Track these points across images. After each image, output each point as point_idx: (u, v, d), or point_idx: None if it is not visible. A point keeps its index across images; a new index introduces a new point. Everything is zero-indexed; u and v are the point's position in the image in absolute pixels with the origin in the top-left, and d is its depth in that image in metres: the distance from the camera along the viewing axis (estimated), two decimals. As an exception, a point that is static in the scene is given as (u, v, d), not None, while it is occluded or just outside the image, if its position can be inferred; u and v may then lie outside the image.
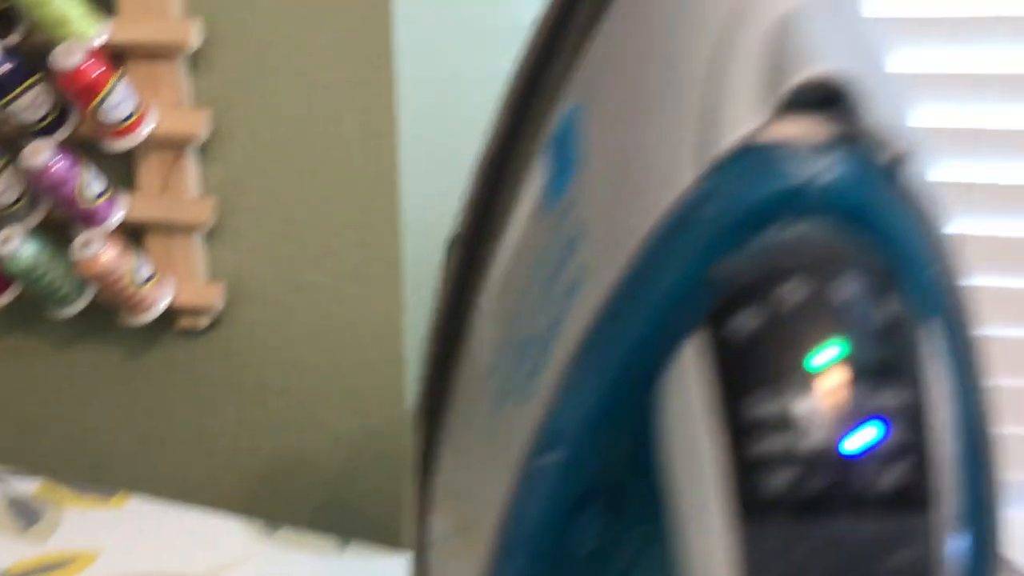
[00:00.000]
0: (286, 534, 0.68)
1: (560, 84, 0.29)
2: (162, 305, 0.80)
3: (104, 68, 0.72)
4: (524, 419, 0.27)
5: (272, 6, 0.76)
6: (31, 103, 0.75)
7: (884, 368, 0.22)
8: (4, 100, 0.74)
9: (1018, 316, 0.84)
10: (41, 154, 0.74)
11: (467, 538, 0.29)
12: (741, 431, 0.22)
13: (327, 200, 0.79)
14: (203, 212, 0.79)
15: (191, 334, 0.85)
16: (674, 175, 0.24)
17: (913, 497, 0.22)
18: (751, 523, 0.22)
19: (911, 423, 0.22)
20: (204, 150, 0.79)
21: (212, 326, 0.84)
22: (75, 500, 0.72)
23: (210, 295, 0.81)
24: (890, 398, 0.22)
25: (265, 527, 0.69)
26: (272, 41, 0.76)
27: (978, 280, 0.25)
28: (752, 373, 0.22)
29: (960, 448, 0.24)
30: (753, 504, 0.22)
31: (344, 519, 0.85)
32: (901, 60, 0.81)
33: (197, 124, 0.77)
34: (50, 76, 0.74)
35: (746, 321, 0.23)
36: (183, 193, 0.79)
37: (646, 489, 0.26)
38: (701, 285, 0.24)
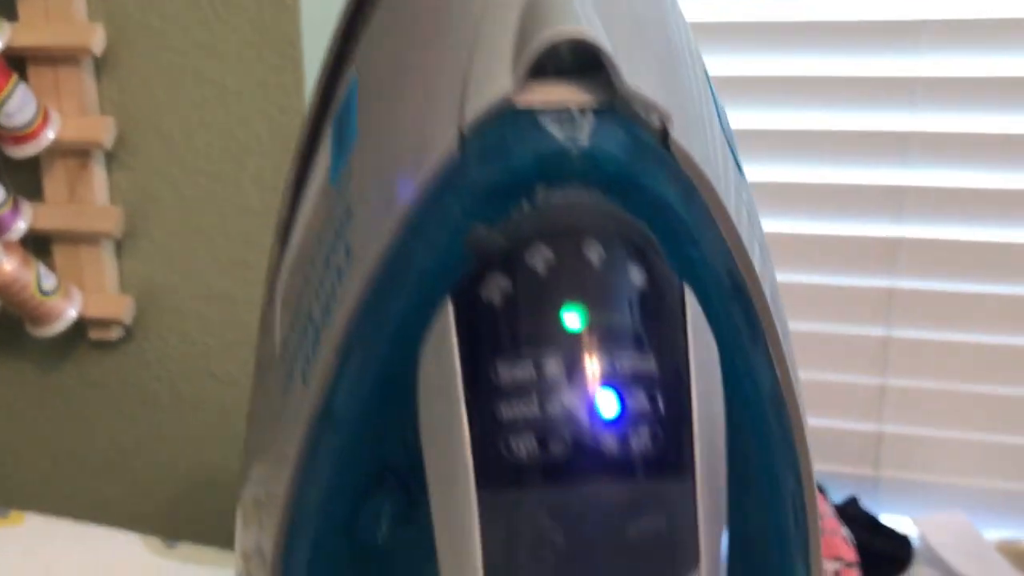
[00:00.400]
0: (185, 549, 0.67)
1: (349, 57, 0.28)
2: (69, 316, 0.78)
3: (1, 73, 0.71)
4: (305, 401, 0.25)
5: (178, 10, 0.75)
6: (-72, 111, 0.73)
7: (632, 335, 0.21)
8: (-99, 108, 0.73)
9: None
10: (-62, 163, 0.72)
11: (266, 525, 0.28)
12: (488, 397, 0.21)
13: (237, 207, 0.77)
14: (111, 221, 0.78)
15: (104, 346, 0.83)
16: (432, 143, 0.23)
17: (658, 465, 0.21)
18: (498, 490, 0.21)
19: (657, 390, 0.21)
20: (111, 157, 0.78)
21: (125, 338, 0.82)
22: (-29, 516, 0.71)
23: (120, 306, 0.79)
24: (637, 365, 0.21)
25: (164, 542, 0.67)
26: (178, 46, 0.75)
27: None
28: (499, 338, 0.21)
29: (722, 414, 0.23)
30: (499, 470, 0.21)
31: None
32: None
33: (103, 130, 0.75)
34: (-55, 82, 0.72)
35: (495, 287, 0.22)
36: (90, 202, 0.77)
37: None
38: (455, 253, 0.23)
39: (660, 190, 0.23)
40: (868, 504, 0.85)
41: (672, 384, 0.21)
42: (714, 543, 0.22)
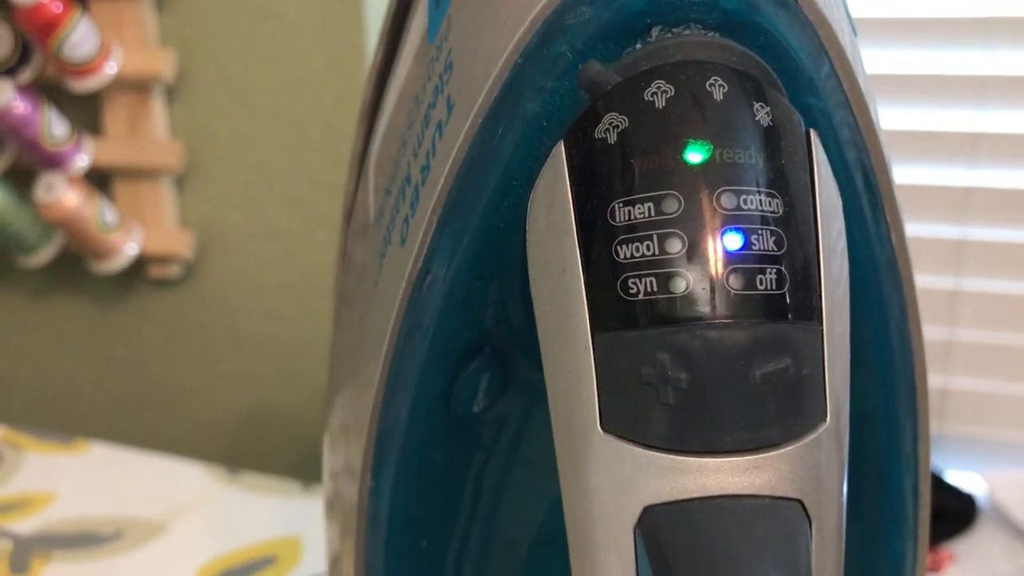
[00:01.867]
0: (249, 477, 0.67)
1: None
2: (130, 252, 0.79)
3: (64, 5, 0.71)
4: (404, 260, 0.25)
5: (238, -57, 0.74)
6: (-8, 44, 0.73)
7: (757, 173, 0.20)
8: (-35, 41, 0.73)
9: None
10: (2, 95, 0.72)
11: (358, 398, 0.27)
12: (605, 238, 0.20)
13: (297, 143, 0.77)
14: (171, 156, 0.77)
15: (163, 284, 0.83)
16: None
17: (785, 307, 0.19)
18: (616, 332, 0.20)
19: (783, 230, 0.20)
20: (171, 92, 0.78)
21: (184, 276, 0.82)
22: (35, 446, 0.71)
23: (180, 242, 0.79)
24: (763, 203, 0.20)
25: (227, 471, 0.67)
26: (238, -22, 0.74)
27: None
28: (616, 177, 0.20)
29: (846, 264, 0.21)
30: (618, 312, 0.20)
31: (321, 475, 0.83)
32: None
33: (163, 64, 0.75)
34: (10, 15, 0.72)
35: (610, 125, 0.20)
36: (150, 137, 0.77)
37: (536, 347, 0.24)
38: (565, 98, 0.22)
39: (781, 33, 0.22)
40: (933, 460, 0.83)
41: (799, 225, 0.20)
42: (840, 397, 0.20)
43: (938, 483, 0.80)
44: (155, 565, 0.58)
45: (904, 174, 0.79)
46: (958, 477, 0.82)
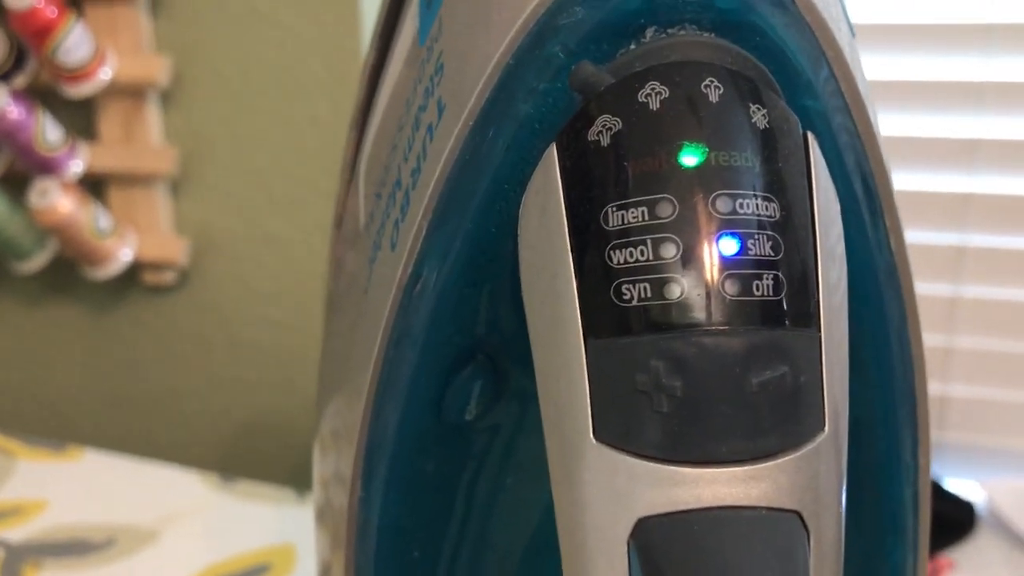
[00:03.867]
0: (243, 485, 0.66)
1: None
2: (124, 258, 0.78)
3: (59, 10, 0.70)
4: (394, 265, 0.24)
5: (234, -53, 0.74)
6: (-14, 48, 0.73)
7: (754, 176, 0.19)
8: (-41, 45, 0.72)
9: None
10: (-4, 99, 0.72)
11: (349, 406, 0.27)
12: (597, 242, 0.19)
13: (293, 147, 0.76)
14: (166, 162, 0.77)
15: (158, 290, 0.83)
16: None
17: (782, 312, 0.19)
18: (609, 338, 0.19)
19: (780, 234, 0.19)
20: (166, 97, 0.77)
21: (178, 282, 0.82)
22: (27, 453, 0.70)
23: (175, 248, 0.79)
24: (759, 207, 0.19)
25: (221, 478, 0.67)
26: (234, -17, 0.74)
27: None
28: (609, 180, 0.20)
29: (844, 269, 0.21)
30: (611, 318, 0.19)
31: (319, 481, 0.82)
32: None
33: (158, 69, 0.75)
34: (4, 19, 0.72)
35: (603, 127, 0.20)
36: (145, 142, 0.77)
37: (529, 354, 0.24)
38: (557, 99, 0.21)
39: (778, 34, 0.21)
40: (932, 468, 0.83)
41: (796, 230, 0.20)
42: (839, 405, 0.20)
43: (937, 491, 0.80)
44: (148, 573, 0.57)
45: (902, 180, 0.79)
46: (957, 484, 0.82)
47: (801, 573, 0.19)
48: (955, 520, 0.79)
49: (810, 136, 0.21)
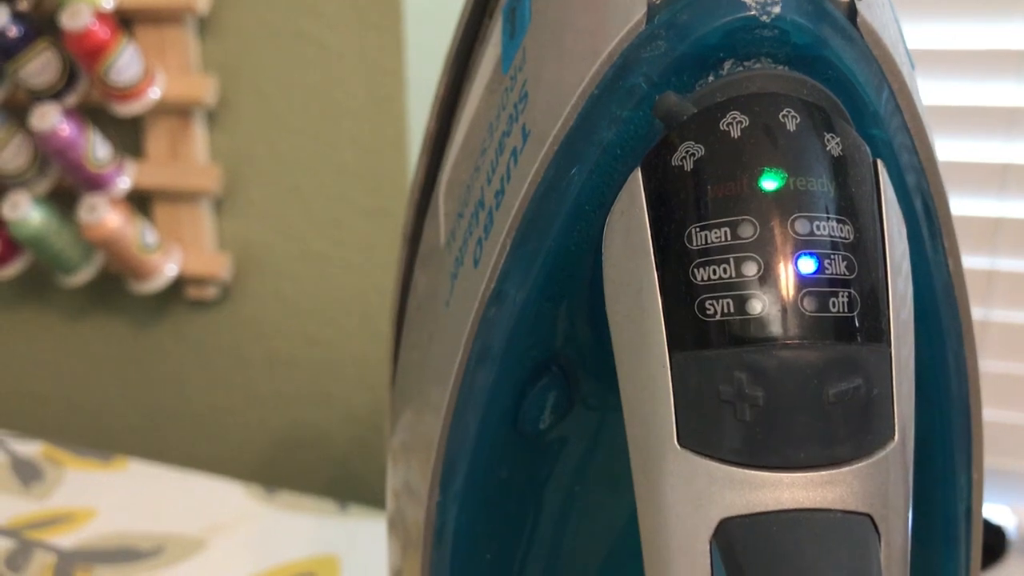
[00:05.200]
0: (286, 497, 0.67)
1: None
2: (169, 273, 0.80)
3: (111, 31, 0.72)
4: (477, 282, 0.25)
5: (281, -28, 0.76)
6: (40, 68, 0.75)
7: (829, 200, 0.21)
8: (13, 65, 0.74)
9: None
10: (49, 118, 0.74)
11: (424, 417, 0.28)
12: (681, 261, 0.21)
13: (334, 167, 0.78)
14: (211, 179, 0.79)
15: (201, 305, 0.85)
16: (618, 15, 0.23)
17: (856, 329, 0.20)
18: (692, 352, 0.20)
19: (854, 255, 0.21)
20: (212, 117, 0.79)
21: (220, 298, 0.84)
22: (75, 462, 0.72)
23: (218, 264, 0.81)
24: (834, 229, 0.21)
25: (264, 490, 0.68)
26: (280, 5, 0.76)
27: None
28: (693, 203, 0.21)
29: (910, 288, 0.22)
30: (694, 332, 0.20)
31: (356, 495, 0.84)
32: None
33: (205, 89, 0.77)
34: (58, 40, 0.74)
35: (687, 153, 0.21)
36: (191, 160, 0.79)
37: (602, 366, 0.25)
38: (639, 127, 0.23)
39: (848, 67, 0.23)
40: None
41: (868, 250, 0.21)
42: (907, 416, 0.21)
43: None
44: (196, 581, 0.58)
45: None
46: (988, 509, 0.82)
47: (874, 572, 0.20)
48: (986, 545, 0.79)
49: (879, 163, 0.22)
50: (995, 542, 0.80)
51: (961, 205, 0.81)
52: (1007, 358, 0.83)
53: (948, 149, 0.80)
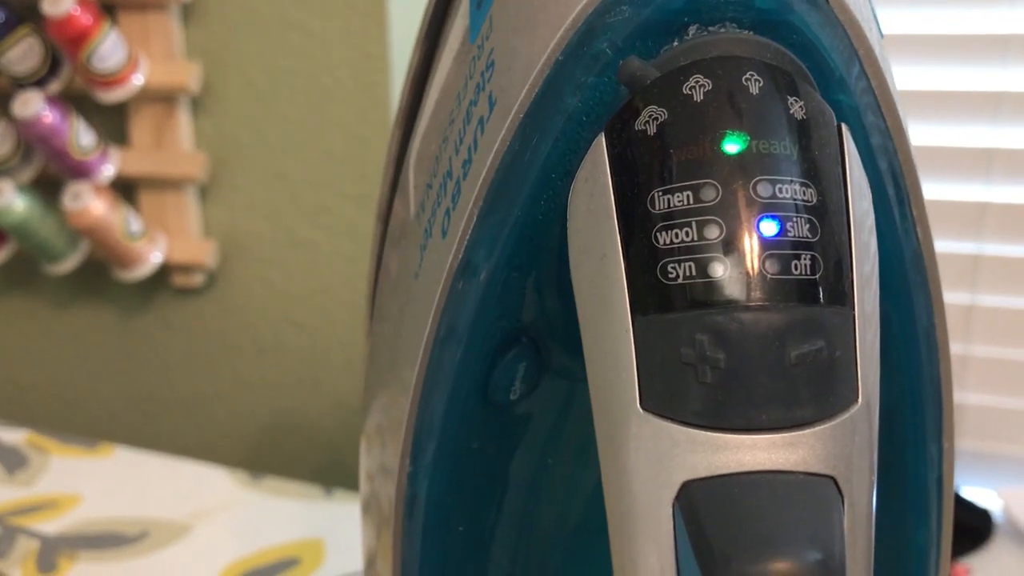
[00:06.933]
0: (271, 482, 0.67)
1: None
2: (154, 260, 0.80)
3: (94, 17, 0.72)
4: (445, 252, 0.25)
5: (264, -43, 0.76)
6: (23, 55, 0.75)
7: (792, 163, 0.21)
8: (-4, 52, 0.74)
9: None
10: (32, 105, 0.73)
11: (395, 390, 0.28)
12: (644, 225, 0.21)
13: (320, 153, 0.78)
14: (196, 166, 0.79)
15: (187, 292, 0.84)
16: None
17: (819, 292, 0.20)
18: (655, 315, 0.20)
19: (817, 218, 0.21)
20: (196, 103, 0.79)
21: (206, 285, 0.84)
22: (60, 449, 0.72)
23: (204, 251, 0.81)
24: (797, 192, 0.21)
25: (250, 476, 0.68)
26: (264, -8, 0.76)
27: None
28: (656, 167, 0.21)
29: (875, 252, 0.22)
30: (656, 297, 0.20)
31: (343, 481, 0.84)
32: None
33: (189, 76, 0.76)
34: (40, 26, 0.74)
35: (650, 118, 0.21)
36: (175, 147, 0.79)
37: (571, 337, 0.25)
38: (604, 93, 0.22)
39: (813, 32, 0.23)
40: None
41: (831, 214, 0.21)
42: (871, 379, 0.21)
43: (954, 498, 0.80)
44: (181, 565, 0.58)
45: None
46: (974, 492, 0.82)
47: (836, 534, 0.20)
48: (972, 528, 0.80)
49: (844, 127, 0.22)
50: (981, 525, 0.80)
51: (947, 190, 0.81)
52: (993, 343, 0.83)
53: (934, 134, 0.80)
